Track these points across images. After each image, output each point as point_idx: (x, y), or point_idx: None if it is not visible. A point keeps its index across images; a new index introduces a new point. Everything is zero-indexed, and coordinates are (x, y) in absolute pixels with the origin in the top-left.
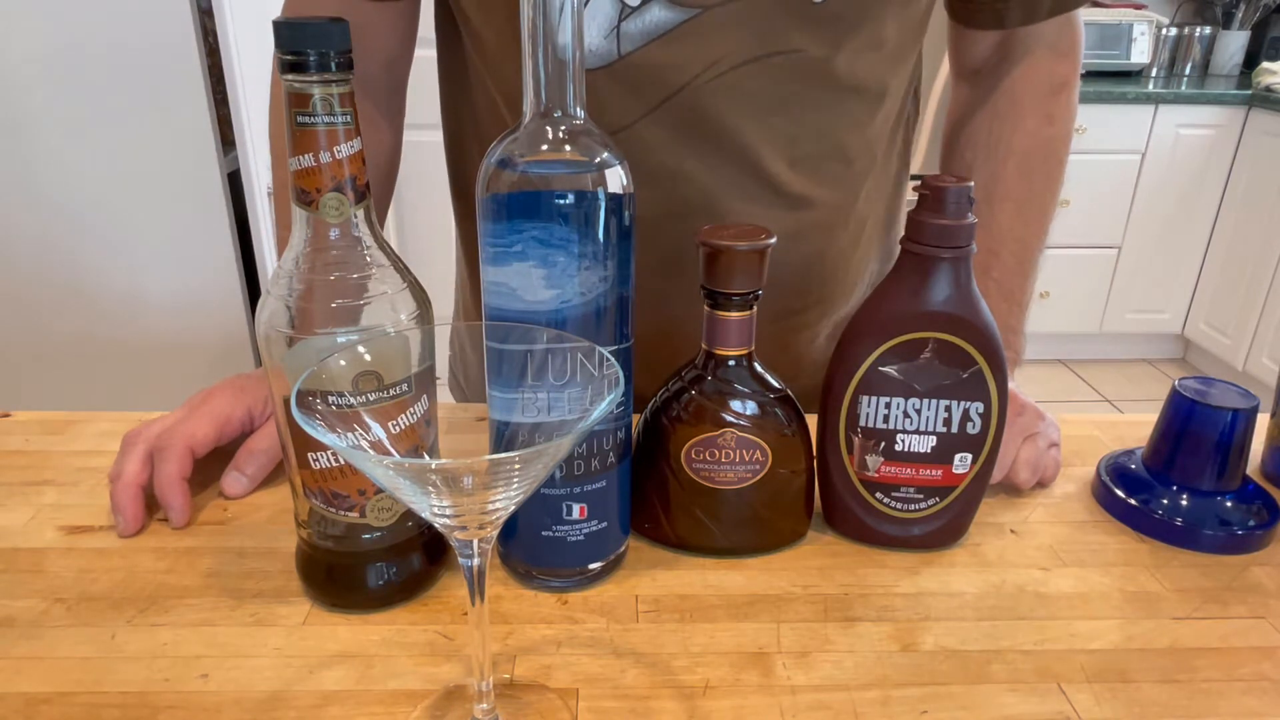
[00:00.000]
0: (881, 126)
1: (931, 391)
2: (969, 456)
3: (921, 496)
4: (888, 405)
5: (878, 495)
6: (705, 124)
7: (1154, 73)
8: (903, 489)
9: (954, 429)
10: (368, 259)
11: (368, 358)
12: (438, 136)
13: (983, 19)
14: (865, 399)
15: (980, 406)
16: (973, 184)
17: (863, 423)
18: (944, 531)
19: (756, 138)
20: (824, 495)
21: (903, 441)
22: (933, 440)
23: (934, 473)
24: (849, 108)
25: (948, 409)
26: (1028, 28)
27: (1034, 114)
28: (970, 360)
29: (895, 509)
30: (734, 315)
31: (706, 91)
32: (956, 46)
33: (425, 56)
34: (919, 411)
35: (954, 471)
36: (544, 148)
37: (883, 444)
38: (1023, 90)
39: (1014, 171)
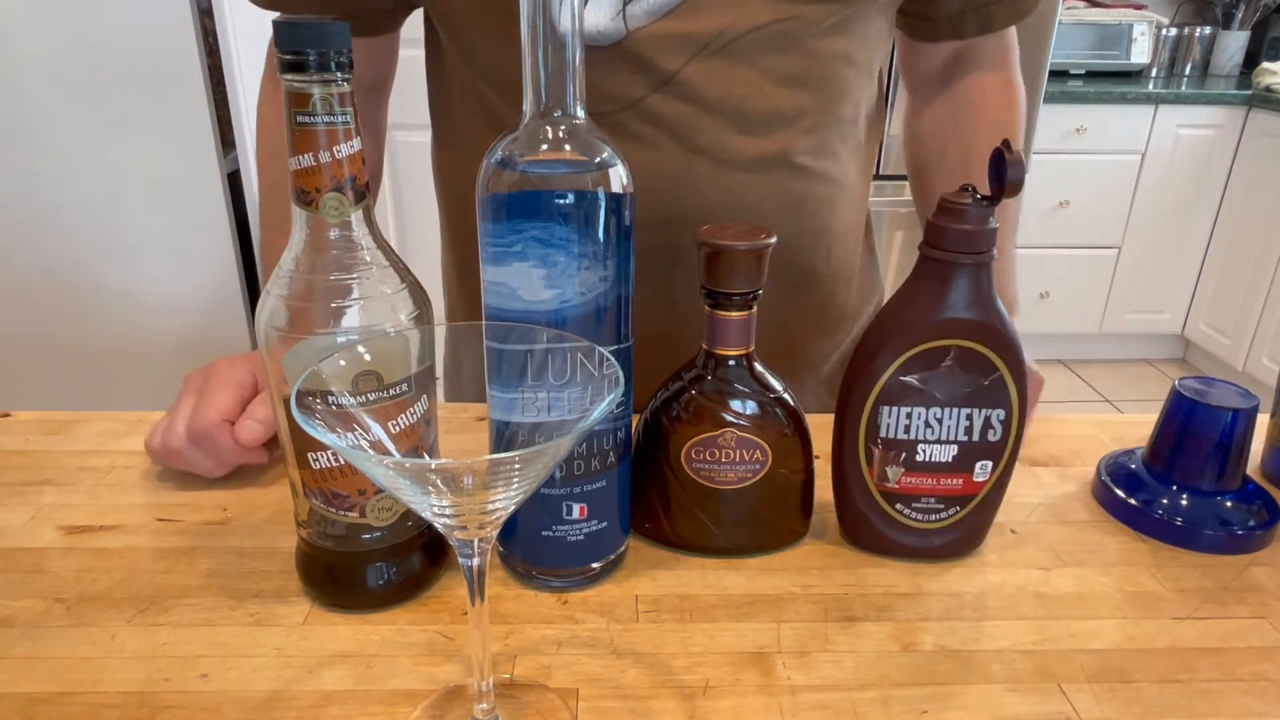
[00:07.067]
0: (866, 106)
1: (953, 400)
2: (989, 464)
3: (942, 506)
4: (909, 415)
5: (898, 507)
6: (712, 94)
7: (1154, 73)
8: (923, 499)
9: (975, 437)
10: (367, 259)
11: (368, 358)
12: None
13: (940, 31)
14: (886, 409)
15: (1001, 413)
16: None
17: (883, 434)
18: (962, 541)
19: (761, 105)
20: (841, 508)
21: (924, 451)
22: (954, 449)
23: (954, 482)
24: (845, 80)
25: (969, 417)
26: (972, 41)
27: (993, 102)
28: (991, 367)
29: (915, 520)
30: (734, 315)
31: (714, 62)
32: (907, 60)
33: (420, 57)
34: (940, 421)
35: (974, 480)
36: (544, 147)
37: (904, 455)
38: (977, 91)
39: (983, 144)
